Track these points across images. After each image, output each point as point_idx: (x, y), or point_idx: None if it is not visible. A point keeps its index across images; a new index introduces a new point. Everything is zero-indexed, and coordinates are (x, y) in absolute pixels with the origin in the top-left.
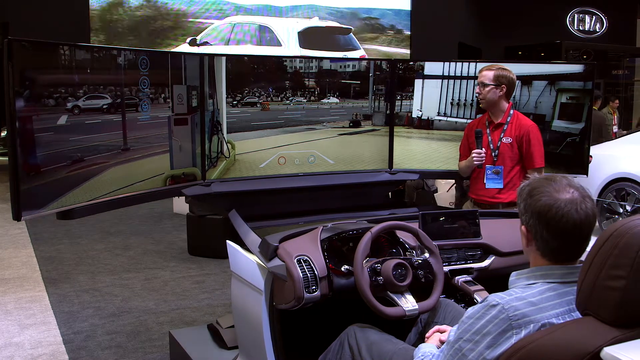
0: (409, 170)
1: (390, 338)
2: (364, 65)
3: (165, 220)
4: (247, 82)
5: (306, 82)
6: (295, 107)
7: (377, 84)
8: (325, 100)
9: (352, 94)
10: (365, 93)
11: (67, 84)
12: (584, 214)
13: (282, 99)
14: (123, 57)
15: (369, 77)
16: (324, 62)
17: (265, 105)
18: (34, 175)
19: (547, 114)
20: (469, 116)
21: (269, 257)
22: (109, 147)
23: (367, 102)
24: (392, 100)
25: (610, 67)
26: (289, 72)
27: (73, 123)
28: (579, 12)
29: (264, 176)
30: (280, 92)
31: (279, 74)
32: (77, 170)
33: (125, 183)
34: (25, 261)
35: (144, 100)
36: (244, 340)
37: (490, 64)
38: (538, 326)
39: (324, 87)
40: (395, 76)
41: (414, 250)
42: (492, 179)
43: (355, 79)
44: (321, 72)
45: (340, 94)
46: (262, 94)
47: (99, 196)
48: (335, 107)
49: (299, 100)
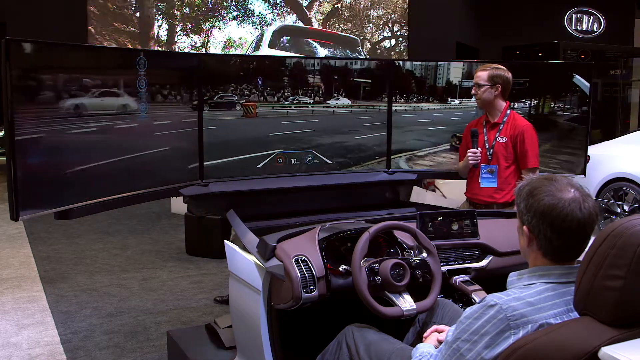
0: (407, 171)
1: (388, 338)
2: (373, 62)
3: (163, 220)
4: (222, 75)
5: (310, 79)
6: (298, 111)
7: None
8: (332, 101)
9: (363, 95)
10: (377, 93)
11: (66, 84)
12: (587, 212)
13: (279, 98)
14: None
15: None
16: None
17: (249, 109)
18: (32, 175)
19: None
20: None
21: (267, 257)
22: (109, 147)
23: (381, 105)
24: (390, 100)
25: (608, 67)
26: (287, 65)
27: (73, 123)
28: (576, 12)
29: (261, 176)
30: (277, 90)
31: (273, 66)
32: (75, 169)
33: (125, 183)
34: (23, 261)
35: (143, 100)
36: (242, 340)
37: (485, 64)
38: (536, 326)
39: (330, 85)
40: (394, 76)
41: (411, 250)
42: (486, 178)
43: (366, 77)
44: (327, 67)
45: (348, 93)
46: (246, 90)
47: (98, 196)
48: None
49: (304, 101)
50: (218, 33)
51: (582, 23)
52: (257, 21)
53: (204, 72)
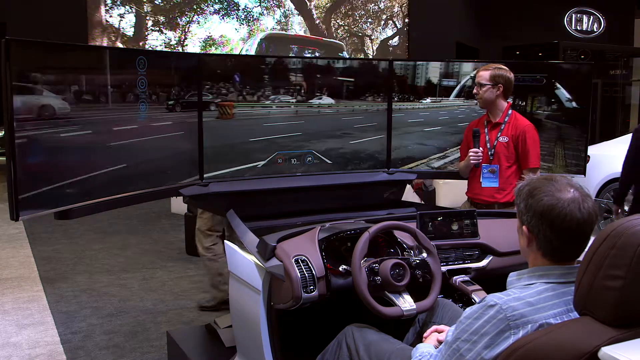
0: (407, 171)
1: (388, 338)
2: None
3: (163, 220)
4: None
5: (292, 78)
6: (280, 111)
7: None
8: (315, 100)
9: (345, 93)
10: (359, 93)
11: (66, 84)
12: (586, 212)
13: (259, 97)
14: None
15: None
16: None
17: (225, 110)
18: (31, 175)
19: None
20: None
21: (267, 257)
22: (109, 147)
23: (365, 104)
24: (389, 100)
25: (608, 67)
26: (267, 63)
27: (73, 123)
28: (576, 12)
29: (261, 176)
30: (256, 89)
31: (252, 63)
32: (75, 170)
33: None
34: (23, 261)
35: (142, 100)
36: (241, 340)
37: (487, 63)
38: (536, 326)
39: (312, 84)
40: (392, 76)
41: (411, 250)
42: (487, 177)
43: (350, 75)
44: (310, 65)
45: (332, 93)
46: (223, 89)
47: (98, 196)
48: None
49: (287, 100)
50: (197, 29)
51: (582, 23)
52: (242, 16)
53: (203, 71)
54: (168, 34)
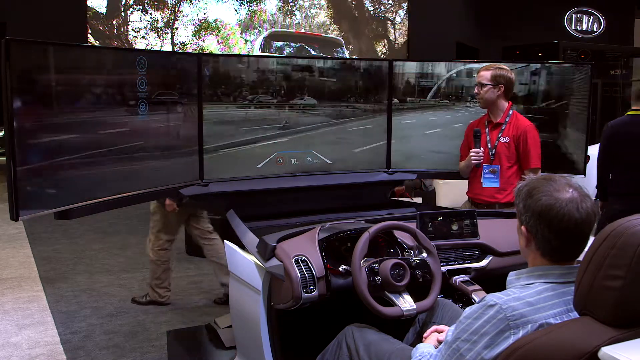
0: (407, 170)
1: (388, 338)
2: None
3: None
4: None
5: (272, 78)
6: (259, 112)
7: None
8: (298, 101)
9: (328, 94)
10: (343, 93)
11: (66, 84)
12: (585, 213)
13: (236, 97)
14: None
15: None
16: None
17: (193, 111)
18: (31, 175)
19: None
20: None
21: (267, 257)
22: (108, 147)
23: (348, 104)
24: (389, 100)
25: (608, 67)
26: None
27: (73, 123)
28: (576, 12)
29: (261, 176)
30: (234, 89)
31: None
32: (75, 169)
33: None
34: (23, 261)
35: (142, 100)
36: (241, 340)
37: (488, 63)
38: (536, 326)
39: (293, 84)
40: (393, 76)
41: (411, 250)
42: (488, 178)
43: (337, 75)
44: (294, 65)
45: (315, 93)
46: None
47: (98, 196)
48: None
49: (267, 100)
50: (189, 9)
51: (582, 23)
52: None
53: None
54: (154, 14)
